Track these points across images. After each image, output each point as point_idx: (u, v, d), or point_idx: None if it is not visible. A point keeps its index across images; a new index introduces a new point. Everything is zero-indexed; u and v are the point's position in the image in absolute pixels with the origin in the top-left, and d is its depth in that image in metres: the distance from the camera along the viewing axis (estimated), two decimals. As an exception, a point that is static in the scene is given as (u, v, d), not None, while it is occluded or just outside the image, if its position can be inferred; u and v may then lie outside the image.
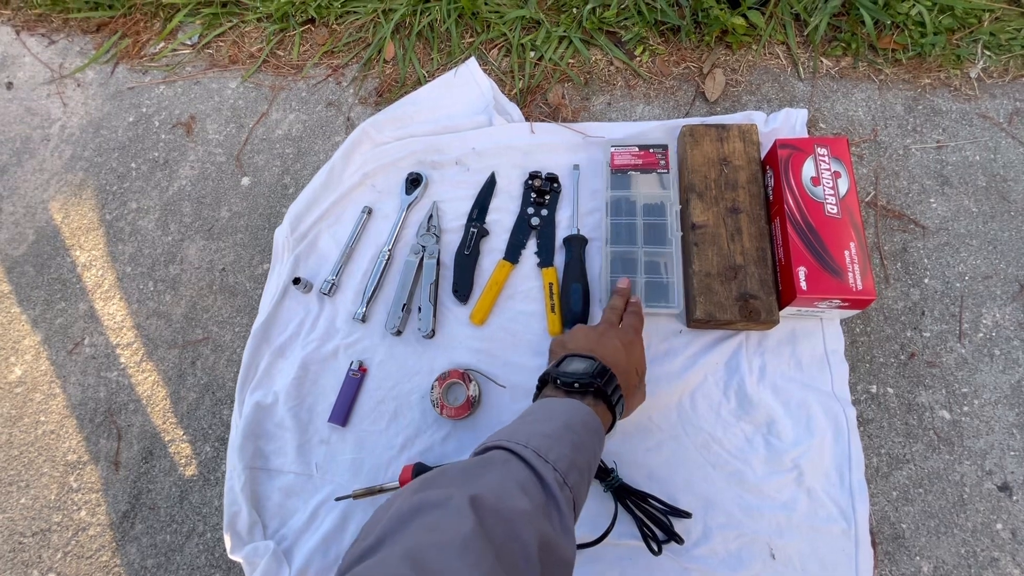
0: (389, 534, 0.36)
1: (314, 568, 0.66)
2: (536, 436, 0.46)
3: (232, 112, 0.96)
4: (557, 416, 0.49)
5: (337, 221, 0.83)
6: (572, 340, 0.61)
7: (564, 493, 0.43)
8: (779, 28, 0.89)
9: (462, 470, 0.42)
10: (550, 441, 0.45)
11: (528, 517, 0.38)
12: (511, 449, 0.44)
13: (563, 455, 0.45)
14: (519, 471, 0.43)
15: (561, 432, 0.47)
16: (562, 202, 0.81)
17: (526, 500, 0.40)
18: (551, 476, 0.43)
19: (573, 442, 0.47)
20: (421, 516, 0.37)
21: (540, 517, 0.40)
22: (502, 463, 0.43)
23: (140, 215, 0.91)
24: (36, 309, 0.87)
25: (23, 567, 0.73)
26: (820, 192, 0.68)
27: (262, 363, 0.76)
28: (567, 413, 0.50)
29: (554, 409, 0.51)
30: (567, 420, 0.49)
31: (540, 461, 0.43)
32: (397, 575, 0.32)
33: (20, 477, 0.78)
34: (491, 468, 0.43)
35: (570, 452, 0.45)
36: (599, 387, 0.54)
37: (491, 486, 0.40)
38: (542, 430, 0.47)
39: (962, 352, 0.70)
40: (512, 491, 0.40)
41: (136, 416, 0.79)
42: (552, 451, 0.45)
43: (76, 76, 1.04)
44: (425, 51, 0.95)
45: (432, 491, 0.39)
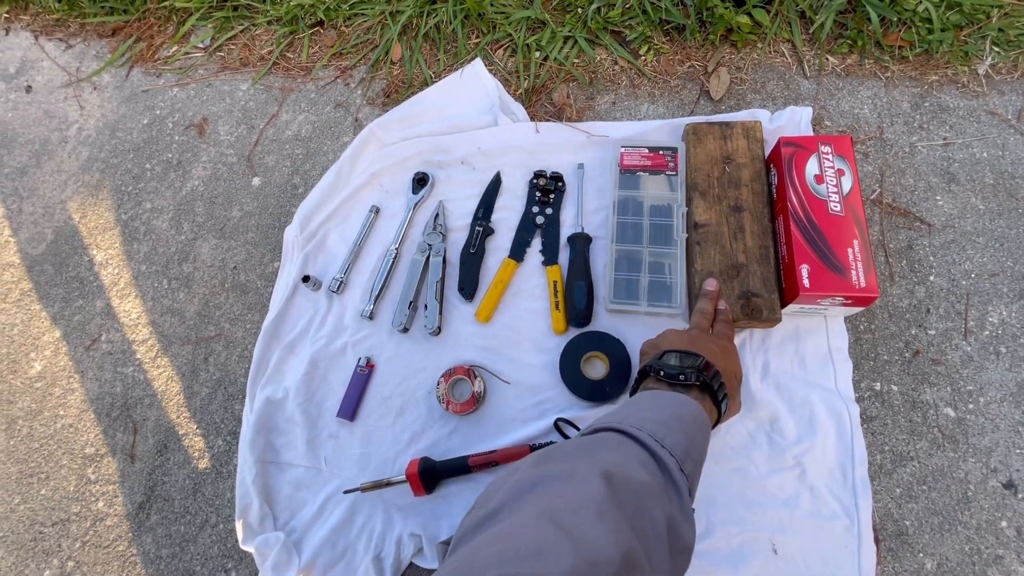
0: (510, 502, 0.34)
1: (323, 559, 0.68)
2: (649, 422, 0.44)
3: (243, 114, 0.98)
4: (665, 406, 0.48)
5: (345, 220, 0.85)
6: (665, 340, 0.59)
7: (682, 479, 0.41)
8: (784, 26, 0.89)
9: (578, 447, 0.40)
10: (663, 428, 0.43)
11: (655, 493, 0.37)
12: (625, 431, 0.42)
13: (678, 442, 0.43)
14: (637, 451, 0.41)
15: (672, 421, 0.45)
16: (566, 201, 0.82)
17: (649, 478, 0.38)
18: (669, 460, 0.41)
19: (685, 432, 0.44)
20: (545, 486, 0.35)
21: (664, 496, 0.38)
22: (617, 444, 0.41)
23: (154, 215, 0.93)
24: (55, 306, 0.90)
25: (44, 555, 0.76)
26: (824, 190, 0.68)
27: (273, 359, 0.78)
28: (676, 404, 0.48)
29: (661, 400, 0.49)
30: (676, 411, 0.47)
31: (657, 445, 0.41)
32: (540, 534, 0.31)
33: (40, 469, 0.80)
34: (607, 447, 0.41)
35: (684, 440, 0.43)
36: (706, 381, 0.52)
37: (614, 461, 0.38)
38: (654, 417, 0.45)
39: (968, 350, 0.70)
40: (635, 467, 0.38)
41: (151, 410, 0.81)
42: (667, 437, 0.43)
43: (92, 79, 1.06)
44: (432, 52, 0.96)
45: (553, 464, 0.37)
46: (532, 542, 0.30)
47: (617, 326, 0.74)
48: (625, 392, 0.71)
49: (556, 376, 0.72)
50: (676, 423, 0.45)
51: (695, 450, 0.44)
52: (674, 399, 0.49)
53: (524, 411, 0.72)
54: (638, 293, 0.72)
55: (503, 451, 0.68)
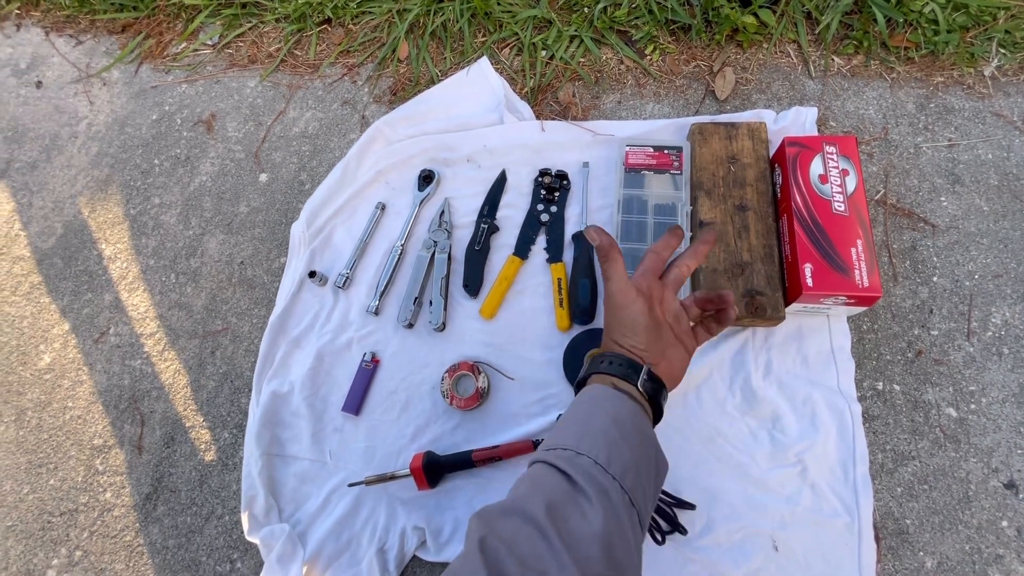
0: None
1: (327, 551, 0.69)
2: (552, 436, 0.47)
3: (251, 110, 0.99)
4: (565, 416, 0.49)
5: (351, 216, 0.85)
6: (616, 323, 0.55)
7: (579, 462, 0.42)
8: (790, 26, 0.89)
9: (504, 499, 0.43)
10: (559, 434, 0.46)
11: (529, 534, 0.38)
12: (537, 460, 0.45)
13: (572, 434, 0.44)
14: (539, 472, 0.43)
15: (565, 424, 0.47)
16: (571, 199, 0.82)
17: (540, 493, 0.40)
18: (555, 457, 0.43)
19: (580, 420, 0.46)
20: None
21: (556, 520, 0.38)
22: (528, 475, 0.44)
23: (163, 210, 0.94)
24: (64, 300, 0.91)
25: (52, 545, 0.77)
26: (828, 190, 0.69)
27: (279, 353, 0.79)
28: (570, 409, 0.49)
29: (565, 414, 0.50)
30: (569, 414, 0.49)
31: (550, 453, 0.44)
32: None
33: (49, 459, 0.81)
34: (521, 483, 0.44)
35: (577, 429, 0.45)
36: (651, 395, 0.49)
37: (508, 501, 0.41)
38: (558, 429, 0.47)
39: (970, 350, 0.70)
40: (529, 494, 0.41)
41: (159, 403, 0.82)
42: (560, 438, 0.45)
43: (102, 75, 1.07)
44: (438, 50, 0.97)
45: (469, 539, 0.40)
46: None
47: (621, 324, 0.74)
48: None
49: (559, 373, 0.73)
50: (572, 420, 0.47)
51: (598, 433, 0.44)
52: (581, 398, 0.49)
53: (527, 407, 0.73)
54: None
55: (506, 446, 0.69)
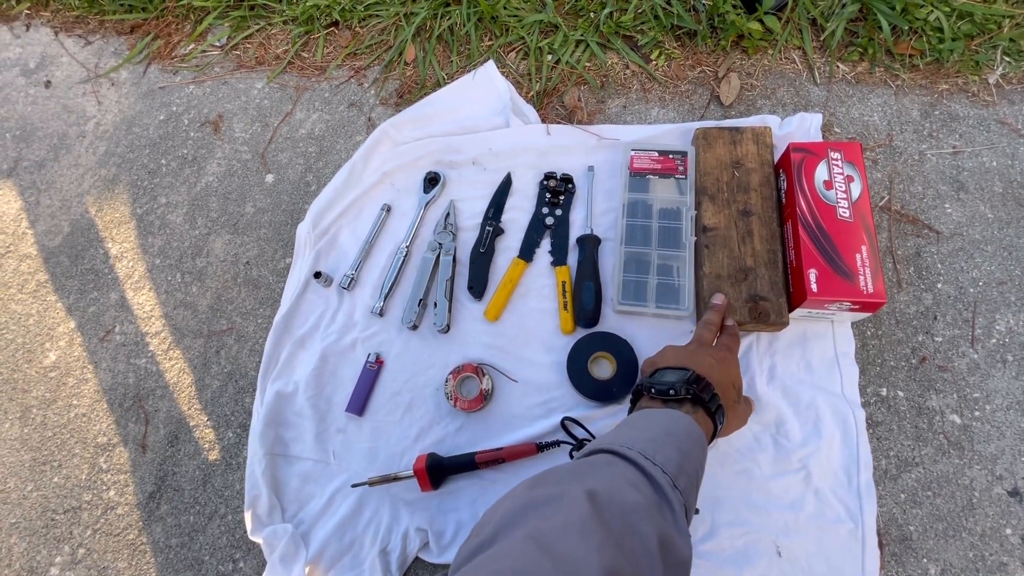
0: (503, 528, 0.35)
1: (330, 551, 0.69)
2: (640, 441, 0.45)
3: (258, 111, 0.99)
4: (657, 424, 0.48)
5: (357, 218, 0.86)
6: (662, 357, 0.60)
7: (675, 495, 0.41)
8: (795, 33, 0.90)
9: (569, 470, 0.41)
10: (655, 445, 0.44)
11: (645, 511, 0.37)
12: (616, 451, 0.43)
13: (670, 458, 0.43)
14: (628, 471, 0.42)
15: (663, 438, 0.46)
16: (576, 202, 0.83)
17: (639, 496, 0.39)
18: (661, 477, 0.41)
19: (678, 448, 0.45)
20: (535, 509, 0.36)
21: (655, 513, 0.38)
22: (607, 464, 0.42)
23: (169, 209, 0.94)
24: (70, 298, 0.91)
25: (55, 542, 0.77)
26: (832, 196, 0.69)
27: (283, 354, 0.79)
28: (667, 421, 0.48)
29: (653, 418, 0.49)
30: (668, 428, 0.47)
31: (648, 462, 0.42)
32: (524, 556, 0.32)
33: (53, 457, 0.82)
34: (598, 468, 0.42)
35: (676, 456, 0.44)
36: (696, 394, 0.52)
37: (603, 482, 0.39)
38: (645, 435, 0.46)
39: (974, 357, 0.70)
40: (624, 487, 0.39)
41: (163, 402, 0.82)
42: (658, 454, 0.43)
43: (110, 75, 1.08)
44: (445, 54, 0.98)
45: (543, 488, 0.38)
46: (516, 565, 0.32)
47: (625, 327, 0.74)
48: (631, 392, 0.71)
49: (563, 376, 0.73)
50: (667, 439, 0.45)
51: (689, 465, 0.44)
52: (666, 416, 0.49)
53: (531, 409, 0.73)
54: (646, 295, 0.73)
55: (509, 448, 0.69)
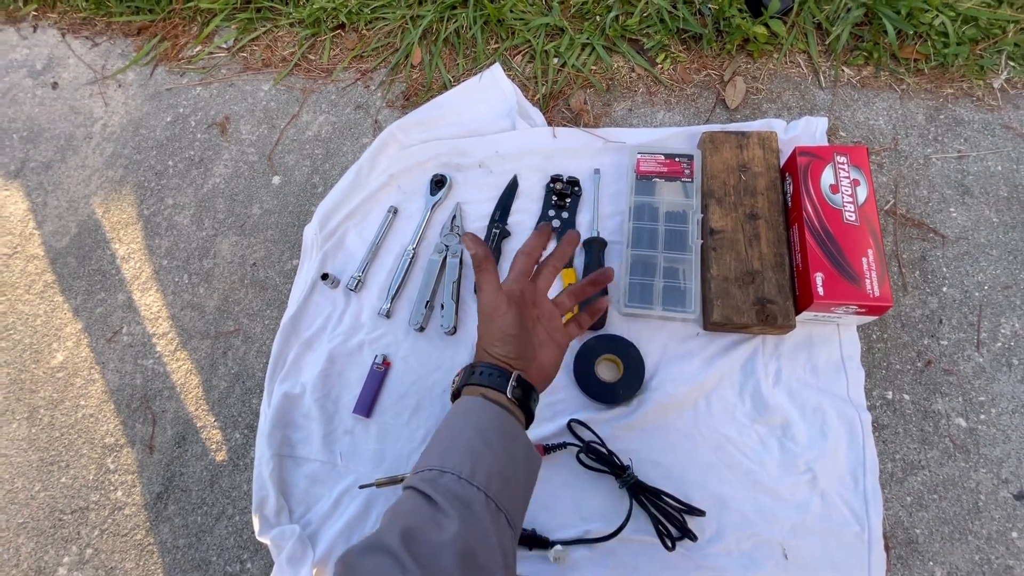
0: None
1: (337, 552, 0.69)
2: (420, 458, 0.48)
3: (264, 113, 1.00)
4: (445, 427, 0.50)
5: (364, 220, 0.86)
6: None
7: (442, 481, 0.44)
8: (801, 37, 0.90)
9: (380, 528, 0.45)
10: (426, 456, 0.48)
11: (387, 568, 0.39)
12: (410, 485, 0.46)
13: (436, 453, 0.47)
14: (402, 499, 0.45)
15: (431, 444, 0.49)
16: (582, 205, 0.83)
17: (397, 523, 0.42)
18: (420, 480, 0.45)
19: (444, 438, 0.48)
20: None
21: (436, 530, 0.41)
22: (392, 506, 0.46)
23: (176, 211, 0.95)
24: (78, 298, 0.91)
25: (63, 542, 0.77)
26: (839, 200, 0.69)
27: (290, 355, 0.79)
28: (451, 418, 0.51)
29: (447, 420, 0.52)
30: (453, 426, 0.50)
31: (414, 477, 0.46)
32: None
33: (61, 457, 0.82)
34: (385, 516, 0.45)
35: (441, 448, 0.47)
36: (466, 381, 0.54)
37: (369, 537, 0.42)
38: (424, 451, 0.49)
39: (980, 361, 0.70)
40: (388, 527, 0.42)
41: (170, 402, 0.82)
42: (425, 459, 0.47)
43: (117, 77, 1.08)
44: (451, 56, 0.98)
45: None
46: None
47: (631, 330, 0.74)
48: (638, 395, 0.72)
49: (570, 378, 0.73)
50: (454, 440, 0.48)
51: (483, 451, 0.46)
52: (453, 411, 0.52)
53: (537, 412, 0.72)
54: (652, 297, 0.73)
55: (517, 450, 0.69)
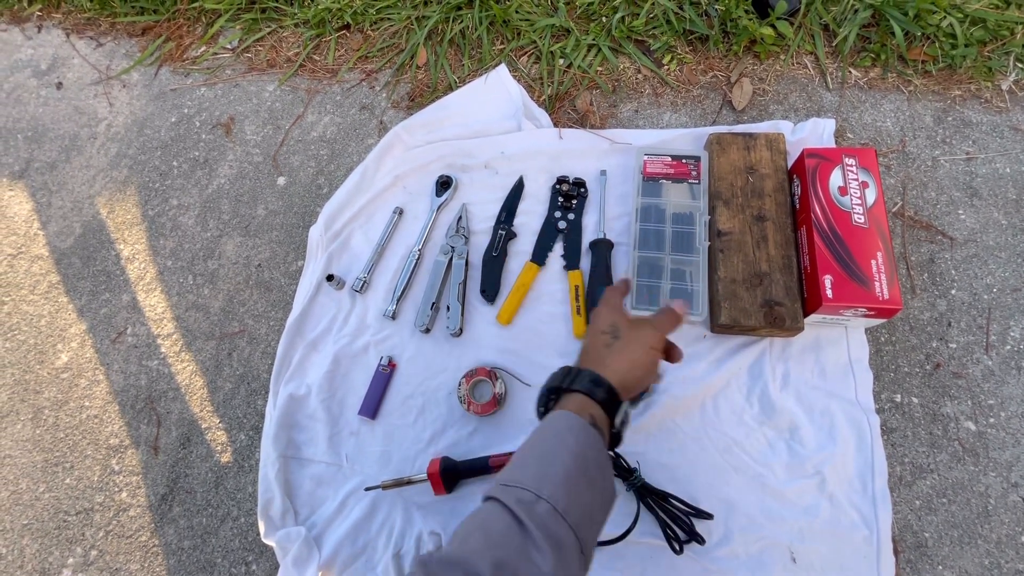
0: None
1: (343, 555, 0.69)
2: (506, 471, 0.45)
3: (269, 114, 1.00)
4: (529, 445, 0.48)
5: (369, 221, 0.86)
6: None
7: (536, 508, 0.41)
8: (808, 38, 0.90)
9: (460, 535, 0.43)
10: (516, 469, 0.45)
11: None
12: (486, 496, 0.44)
13: (530, 472, 0.44)
14: (487, 511, 0.42)
15: (522, 457, 0.46)
16: (589, 207, 0.83)
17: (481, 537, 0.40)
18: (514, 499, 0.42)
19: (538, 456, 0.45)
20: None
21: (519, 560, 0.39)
22: (474, 513, 0.43)
23: (181, 211, 0.95)
24: (82, 299, 0.91)
25: (67, 543, 0.77)
26: (847, 202, 0.69)
27: (296, 356, 0.79)
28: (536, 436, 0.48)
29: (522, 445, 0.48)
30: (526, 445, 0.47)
31: (503, 490, 0.42)
32: None
33: (65, 458, 0.82)
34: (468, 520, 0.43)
35: (536, 467, 0.44)
36: (551, 389, 0.52)
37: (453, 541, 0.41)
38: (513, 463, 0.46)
39: (989, 364, 0.70)
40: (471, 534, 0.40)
41: (175, 404, 0.82)
42: (517, 475, 0.44)
43: (122, 77, 1.08)
44: (457, 57, 0.98)
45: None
46: None
47: (638, 332, 0.74)
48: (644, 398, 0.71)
49: (576, 380, 0.73)
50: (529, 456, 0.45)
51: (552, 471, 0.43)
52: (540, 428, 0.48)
53: (544, 413, 0.73)
54: (659, 299, 0.73)
55: (523, 453, 0.69)
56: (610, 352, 0.52)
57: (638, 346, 0.52)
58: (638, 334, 0.53)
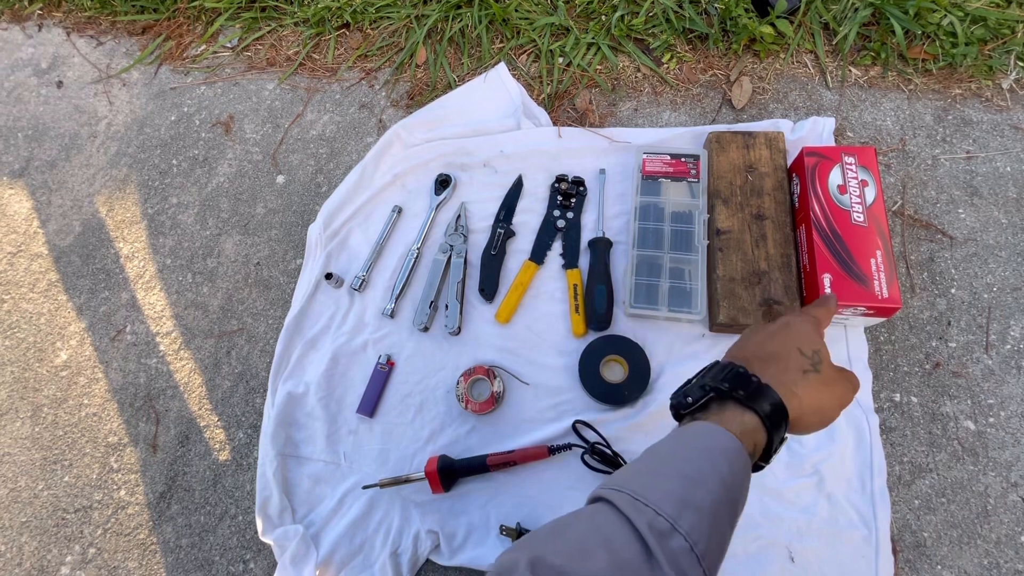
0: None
1: (341, 553, 0.69)
2: (635, 475, 0.38)
3: (269, 112, 1.00)
4: (661, 448, 0.41)
5: (368, 219, 0.86)
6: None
7: (671, 542, 0.34)
8: (808, 37, 0.90)
9: (552, 527, 0.37)
10: (650, 479, 0.37)
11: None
12: (603, 496, 0.38)
13: (668, 491, 0.36)
14: (608, 523, 0.36)
15: (659, 467, 0.39)
16: (588, 205, 0.82)
17: (605, 557, 0.34)
18: (645, 522, 0.34)
19: (682, 473, 0.37)
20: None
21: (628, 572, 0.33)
22: (589, 516, 0.37)
23: (180, 210, 0.95)
24: (81, 297, 0.91)
25: (66, 541, 0.77)
26: (847, 200, 0.69)
27: (294, 354, 0.79)
28: (672, 441, 0.41)
29: (665, 441, 0.42)
30: (671, 450, 0.40)
31: (633, 505, 0.35)
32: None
33: (64, 456, 0.82)
34: (579, 521, 0.37)
35: (677, 487, 0.36)
36: (711, 388, 0.42)
37: (563, 545, 0.35)
38: (647, 467, 0.39)
39: (988, 363, 0.70)
40: (590, 549, 0.34)
41: (174, 402, 0.82)
42: (652, 491, 0.36)
43: (122, 76, 1.08)
44: (456, 56, 0.98)
45: (507, 554, 0.35)
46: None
47: (636, 331, 0.74)
48: (643, 396, 0.71)
49: (575, 379, 0.73)
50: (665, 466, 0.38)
51: (698, 492, 0.36)
52: (676, 433, 0.42)
53: (542, 412, 0.73)
54: (658, 298, 0.73)
55: (521, 451, 0.69)
56: (806, 383, 0.43)
57: (840, 392, 0.45)
58: (841, 377, 0.45)
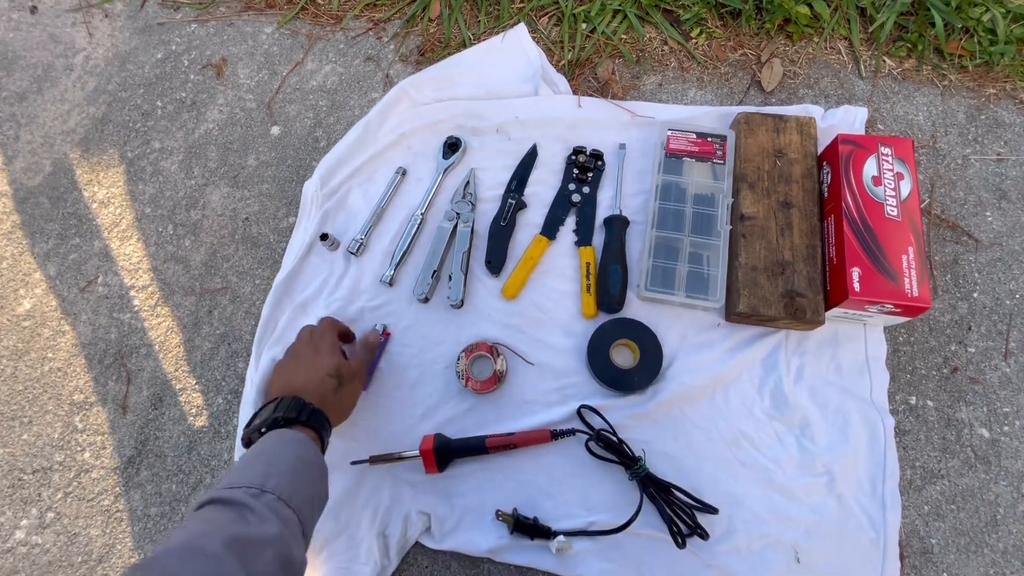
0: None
1: (324, 531, 0.64)
2: (228, 476, 0.48)
3: (265, 58, 0.92)
4: (245, 455, 0.51)
5: (369, 179, 0.80)
6: (270, 384, 0.61)
7: (263, 499, 0.44)
8: (843, 22, 0.86)
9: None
10: (239, 473, 0.47)
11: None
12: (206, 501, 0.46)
13: (256, 473, 0.47)
14: (212, 510, 0.44)
15: (248, 462, 0.49)
16: (605, 181, 0.78)
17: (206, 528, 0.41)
18: (240, 495, 0.44)
19: (264, 461, 0.48)
20: None
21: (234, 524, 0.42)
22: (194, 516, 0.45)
23: (163, 156, 0.87)
24: (49, 243, 0.84)
25: (22, 504, 0.71)
26: (881, 192, 0.65)
27: (282, 319, 0.74)
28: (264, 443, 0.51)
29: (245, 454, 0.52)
30: (251, 453, 0.50)
31: (228, 492, 0.44)
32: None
33: (23, 412, 0.75)
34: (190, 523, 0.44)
35: (262, 467, 0.47)
36: (281, 420, 0.53)
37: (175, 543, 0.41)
38: (236, 468, 0.49)
39: (1007, 371, 0.68)
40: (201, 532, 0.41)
41: (147, 361, 0.76)
42: (240, 477, 0.46)
43: (104, 6, 0.99)
44: (472, 12, 0.91)
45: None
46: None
47: (650, 315, 0.70)
48: (652, 384, 0.68)
49: (582, 361, 0.69)
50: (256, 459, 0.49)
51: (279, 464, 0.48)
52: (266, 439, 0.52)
53: (546, 394, 0.69)
54: (675, 283, 0.69)
55: (522, 434, 0.65)
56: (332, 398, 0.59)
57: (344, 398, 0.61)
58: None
